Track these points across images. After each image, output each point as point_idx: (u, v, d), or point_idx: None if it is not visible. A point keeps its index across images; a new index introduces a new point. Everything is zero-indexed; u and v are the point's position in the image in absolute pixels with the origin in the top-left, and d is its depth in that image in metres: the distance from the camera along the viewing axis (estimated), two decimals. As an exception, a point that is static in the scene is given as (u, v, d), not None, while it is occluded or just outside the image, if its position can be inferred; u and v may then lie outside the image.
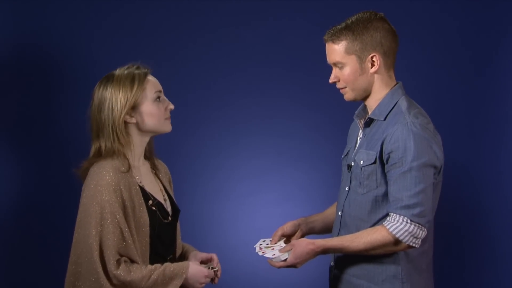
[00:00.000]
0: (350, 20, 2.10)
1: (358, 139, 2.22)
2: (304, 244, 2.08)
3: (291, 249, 2.10)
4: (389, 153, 2.02)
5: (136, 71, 2.08)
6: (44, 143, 3.15)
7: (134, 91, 2.04)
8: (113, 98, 2.03)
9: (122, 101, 2.02)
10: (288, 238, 2.35)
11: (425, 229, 2.01)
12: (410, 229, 1.98)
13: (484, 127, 3.20)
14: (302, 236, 2.35)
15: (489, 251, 3.23)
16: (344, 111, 2.86)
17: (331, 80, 2.17)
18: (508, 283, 3.18)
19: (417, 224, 1.98)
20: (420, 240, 2.01)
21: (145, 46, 3.19)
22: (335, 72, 2.15)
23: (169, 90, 2.16)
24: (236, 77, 3.26)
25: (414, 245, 2.01)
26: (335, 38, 2.10)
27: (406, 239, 1.99)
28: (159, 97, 2.09)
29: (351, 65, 2.10)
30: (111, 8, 3.20)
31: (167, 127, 2.12)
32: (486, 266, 3.23)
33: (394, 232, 1.99)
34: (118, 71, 2.09)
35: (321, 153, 3.26)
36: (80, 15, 3.18)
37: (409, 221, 1.98)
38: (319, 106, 3.25)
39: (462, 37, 3.22)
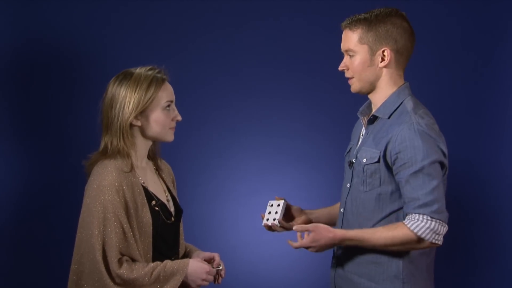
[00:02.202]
0: (371, 12, 2.11)
1: (361, 136, 2.23)
2: (325, 232, 2.06)
3: (308, 230, 2.08)
4: (396, 154, 2.01)
5: (157, 75, 2.06)
6: (46, 142, 3.15)
7: (148, 95, 2.03)
8: (126, 98, 2.01)
9: (134, 103, 2.01)
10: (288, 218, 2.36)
11: (446, 225, 2.00)
12: (432, 226, 1.97)
13: (485, 127, 3.21)
14: (304, 223, 2.35)
15: (491, 251, 3.23)
16: (344, 111, 2.87)
17: (340, 67, 2.17)
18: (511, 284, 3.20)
19: (437, 221, 1.97)
20: (442, 236, 2.00)
21: (145, 46, 3.18)
22: (345, 60, 2.15)
23: (170, 90, 2.16)
24: (236, 77, 3.26)
25: (437, 242, 2.00)
26: (352, 25, 2.11)
27: (429, 237, 1.98)
28: (169, 106, 2.08)
29: (362, 55, 2.10)
30: (111, 8, 3.20)
31: (169, 137, 2.12)
32: (488, 267, 3.23)
33: (415, 230, 1.98)
34: (138, 70, 2.07)
35: (321, 153, 3.26)
36: (80, 15, 3.18)
37: (429, 218, 1.97)
38: (319, 106, 3.26)
39: (462, 37, 3.23)
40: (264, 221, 2.30)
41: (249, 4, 3.25)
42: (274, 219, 2.28)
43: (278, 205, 2.30)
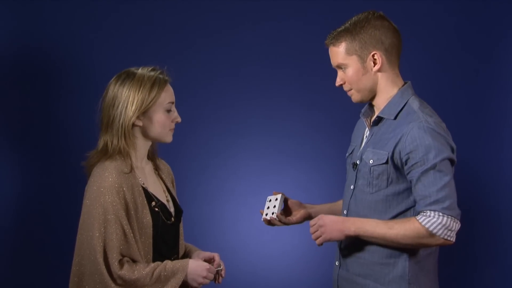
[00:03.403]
0: (349, 22, 2.11)
1: (364, 137, 2.22)
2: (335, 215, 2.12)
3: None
4: (408, 154, 2.00)
5: (159, 76, 2.06)
6: (46, 143, 3.15)
7: (152, 96, 2.03)
8: (129, 97, 2.01)
9: (138, 103, 2.01)
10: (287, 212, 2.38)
11: (458, 222, 1.98)
12: (444, 222, 1.95)
13: (485, 127, 3.21)
14: (302, 217, 2.37)
15: (491, 252, 3.23)
16: (344, 111, 2.87)
17: (337, 83, 2.17)
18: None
19: (449, 216, 1.96)
20: (455, 233, 1.98)
21: (145, 46, 3.18)
22: (340, 74, 2.16)
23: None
24: (236, 77, 3.26)
25: (449, 238, 1.98)
26: (335, 40, 2.12)
27: (440, 232, 1.96)
28: (170, 107, 2.09)
29: (353, 65, 2.10)
30: (110, 8, 3.20)
31: (168, 138, 2.12)
32: (488, 267, 3.23)
33: (427, 226, 1.96)
34: (140, 70, 2.07)
35: (321, 153, 3.26)
36: (79, 15, 3.18)
37: (441, 214, 1.96)
38: (319, 106, 3.26)
39: (461, 36, 3.23)
40: (263, 216, 2.32)
41: (249, 4, 3.25)
42: (272, 213, 2.29)
43: (276, 199, 2.32)
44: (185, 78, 3.18)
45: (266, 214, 2.32)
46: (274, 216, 2.29)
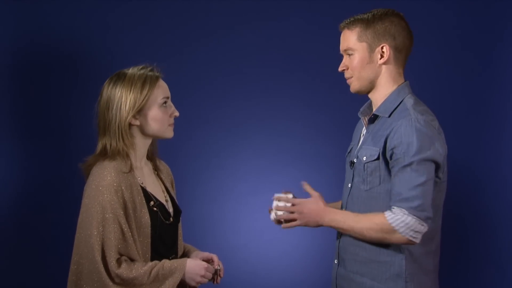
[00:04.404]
0: (369, 12, 2.15)
1: (362, 136, 2.23)
2: (313, 214, 2.13)
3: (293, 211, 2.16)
4: (392, 149, 2.02)
5: (149, 73, 2.07)
6: (45, 142, 3.15)
7: (144, 94, 2.04)
8: (122, 98, 2.03)
9: (131, 103, 2.03)
10: None
11: (425, 224, 1.99)
12: (407, 221, 1.97)
13: (485, 127, 3.21)
14: None
15: (491, 251, 3.23)
16: (344, 111, 2.88)
17: (340, 68, 2.20)
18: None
19: (414, 217, 1.97)
20: (420, 235, 1.99)
21: (145, 46, 3.19)
22: (344, 60, 2.18)
23: (169, 90, 2.16)
24: (236, 77, 3.27)
25: (412, 239, 1.99)
26: (351, 25, 2.14)
27: (402, 230, 1.97)
28: (165, 103, 2.10)
29: (361, 52, 2.13)
30: (111, 9, 3.20)
31: (169, 133, 2.13)
32: (486, 267, 3.23)
33: (390, 222, 1.98)
34: (130, 70, 2.08)
35: (321, 153, 3.26)
36: (78, 16, 3.18)
37: (406, 213, 1.97)
38: (319, 106, 3.26)
39: (461, 36, 3.23)
40: (273, 215, 2.25)
41: (249, 4, 3.25)
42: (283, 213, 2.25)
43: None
44: (185, 78, 3.20)
45: (276, 214, 2.27)
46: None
